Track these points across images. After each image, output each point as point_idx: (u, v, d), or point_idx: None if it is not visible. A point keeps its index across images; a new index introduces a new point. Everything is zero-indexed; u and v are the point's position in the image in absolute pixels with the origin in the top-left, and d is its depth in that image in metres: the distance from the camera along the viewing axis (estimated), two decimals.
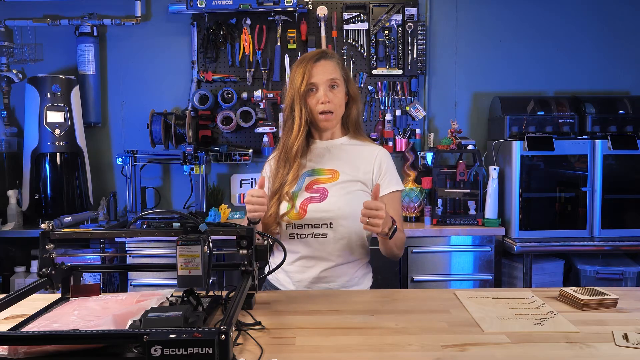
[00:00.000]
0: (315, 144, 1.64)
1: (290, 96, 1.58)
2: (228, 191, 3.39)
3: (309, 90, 1.57)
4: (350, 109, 1.65)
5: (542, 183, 2.98)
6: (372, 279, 1.67)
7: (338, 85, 1.58)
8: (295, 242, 1.57)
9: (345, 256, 1.57)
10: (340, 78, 1.59)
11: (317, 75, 1.55)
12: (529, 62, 3.39)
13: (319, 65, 1.56)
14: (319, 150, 1.63)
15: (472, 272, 2.88)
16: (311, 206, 1.55)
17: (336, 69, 1.59)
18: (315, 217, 1.54)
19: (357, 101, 1.66)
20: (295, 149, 1.57)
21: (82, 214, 2.96)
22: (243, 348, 1.03)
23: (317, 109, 1.56)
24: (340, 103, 1.59)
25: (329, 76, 1.56)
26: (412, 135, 3.34)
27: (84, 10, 3.27)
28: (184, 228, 1.22)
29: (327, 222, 1.54)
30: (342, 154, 1.62)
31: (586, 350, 1.02)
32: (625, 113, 3.04)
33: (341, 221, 1.54)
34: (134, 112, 3.36)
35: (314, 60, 1.57)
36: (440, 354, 1.01)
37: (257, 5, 3.11)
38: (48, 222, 1.27)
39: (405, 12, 3.26)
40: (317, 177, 1.59)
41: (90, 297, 1.27)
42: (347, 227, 1.54)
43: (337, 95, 1.57)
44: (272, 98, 3.23)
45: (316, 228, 1.55)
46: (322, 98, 1.55)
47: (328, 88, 1.56)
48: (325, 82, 1.55)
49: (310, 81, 1.55)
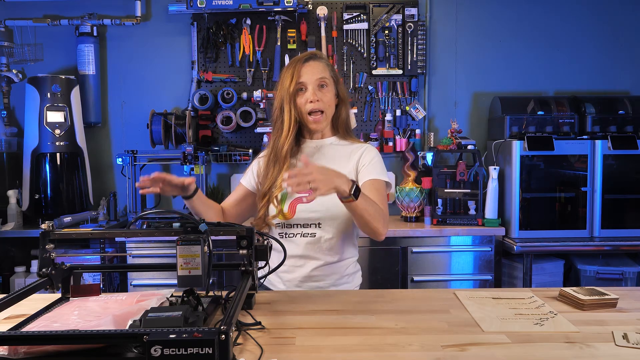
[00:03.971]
0: (305, 143, 1.65)
1: (280, 97, 1.59)
2: (228, 191, 3.38)
3: (298, 90, 1.57)
4: (340, 110, 1.65)
5: (542, 183, 2.98)
6: (361, 277, 1.69)
7: (327, 85, 1.58)
8: (285, 242, 1.57)
9: (334, 255, 1.58)
10: (329, 78, 1.60)
11: (305, 74, 1.56)
12: (529, 62, 3.39)
13: (308, 65, 1.58)
14: (309, 149, 1.64)
15: (472, 272, 2.88)
16: (300, 206, 1.56)
17: (325, 69, 1.60)
18: (303, 217, 1.56)
19: (347, 103, 1.66)
20: (285, 149, 1.57)
21: (82, 214, 2.96)
22: (243, 348, 1.03)
23: (306, 109, 1.57)
24: (330, 103, 1.60)
25: (317, 75, 1.57)
26: (412, 135, 3.34)
27: (84, 10, 3.27)
28: (184, 228, 1.22)
29: (315, 222, 1.56)
30: (331, 153, 1.63)
31: (586, 350, 1.02)
32: (625, 113, 3.04)
33: (329, 221, 1.55)
34: (134, 112, 3.36)
35: (302, 61, 1.58)
36: (440, 354, 1.01)
37: (257, 5, 3.11)
38: (48, 222, 1.27)
39: (405, 12, 3.26)
40: None
41: (90, 297, 1.27)
42: (335, 226, 1.56)
43: (326, 95, 1.58)
44: (272, 98, 3.22)
45: (305, 228, 1.57)
46: (311, 97, 1.55)
47: (317, 87, 1.57)
48: (314, 81, 1.56)
49: (299, 80, 1.56)
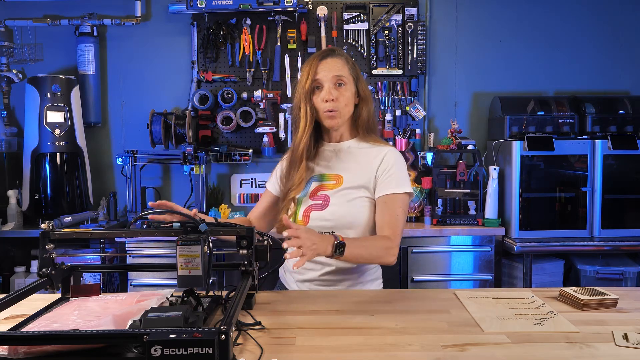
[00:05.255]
0: (323, 147, 1.61)
1: (298, 95, 1.54)
2: (228, 191, 3.39)
3: (314, 89, 1.52)
4: (361, 109, 1.57)
5: (542, 183, 2.98)
6: (381, 285, 1.64)
7: (345, 84, 1.52)
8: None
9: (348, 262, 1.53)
10: (348, 76, 1.53)
11: (321, 72, 1.51)
12: (529, 62, 3.39)
13: (325, 62, 1.52)
14: (327, 153, 1.60)
15: (472, 272, 2.88)
16: (313, 214, 1.54)
17: (344, 66, 1.53)
18: (317, 225, 1.52)
19: (368, 102, 1.58)
20: (301, 147, 1.53)
21: (82, 214, 2.96)
22: (243, 348, 1.03)
23: (322, 108, 1.52)
24: (347, 102, 1.53)
25: (334, 72, 1.50)
26: (412, 135, 3.34)
27: (84, 10, 3.27)
28: (184, 228, 1.22)
29: (328, 230, 1.51)
30: (349, 157, 1.57)
31: (586, 350, 1.02)
32: (625, 113, 3.04)
33: (342, 229, 1.50)
34: (134, 112, 3.36)
35: (319, 58, 1.53)
36: (440, 354, 1.01)
37: (257, 5, 3.11)
38: (48, 222, 1.27)
39: (405, 12, 3.26)
40: (323, 183, 1.56)
41: (90, 297, 1.27)
42: (348, 235, 1.49)
43: (343, 94, 1.51)
44: (272, 98, 3.23)
45: None
46: (327, 96, 1.50)
47: (333, 86, 1.50)
48: (330, 79, 1.50)
49: (315, 78, 1.51)
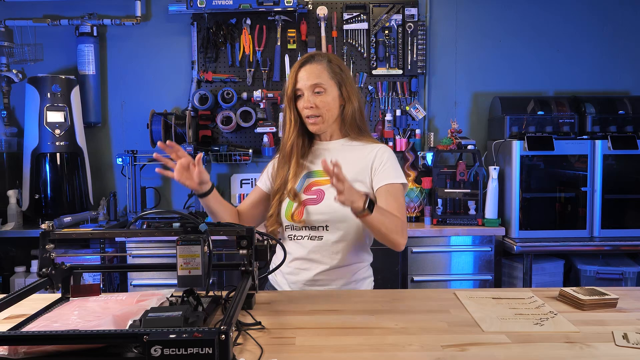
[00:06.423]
0: (315, 145, 1.65)
1: (284, 100, 1.61)
2: (228, 191, 3.39)
3: (297, 96, 1.58)
4: (346, 110, 1.60)
5: (542, 183, 2.98)
6: (372, 283, 1.65)
7: (324, 90, 1.55)
8: (292, 244, 1.58)
9: (341, 259, 1.55)
10: (327, 81, 1.56)
11: (301, 80, 1.56)
12: (529, 62, 3.39)
13: (303, 70, 1.57)
14: (319, 151, 1.63)
15: (472, 272, 2.88)
16: (308, 208, 1.55)
17: (323, 72, 1.56)
18: (312, 219, 1.54)
19: (353, 101, 1.60)
20: (289, 145, 1.59)
21: (82, 214, 2.96)
22: (243, 348, 1.03)
23: (304, 114, 1.58)
24: (329, 107, 1.56)
25: (312, 81, 1.55)
26: (412, 135, 3.34)
27: (84, 10, 3.27)
28: (184, 228, 1.22)
29: (323, 225, 1.54)
30: (342, 154, 1.59)
31: (586, 350, 1.02)
32: (625, 113, 3.04)
33: (337, 224, 1.53)
34: (134, 112, 3.36)
35: (299, 65, 1.58)
36: (440, 354, 1.01)
37: (257, 5, 3.11)
38: (48, 222, 1.27)
39: (405, 12, 3.26)
40: (316, 179, 1.59)
41: (90, 297, 1.27)
42: (343, 229, 1.53)
43: (323, 100, 1.55)
44: (272, 98, 3.23)
45: (313, 230, 1.55)
46: (306, 104, 1.55)
47: (312, 93, 1.55)
48: (309, 87, 1.55)
49: (296, 87, 1.57)
